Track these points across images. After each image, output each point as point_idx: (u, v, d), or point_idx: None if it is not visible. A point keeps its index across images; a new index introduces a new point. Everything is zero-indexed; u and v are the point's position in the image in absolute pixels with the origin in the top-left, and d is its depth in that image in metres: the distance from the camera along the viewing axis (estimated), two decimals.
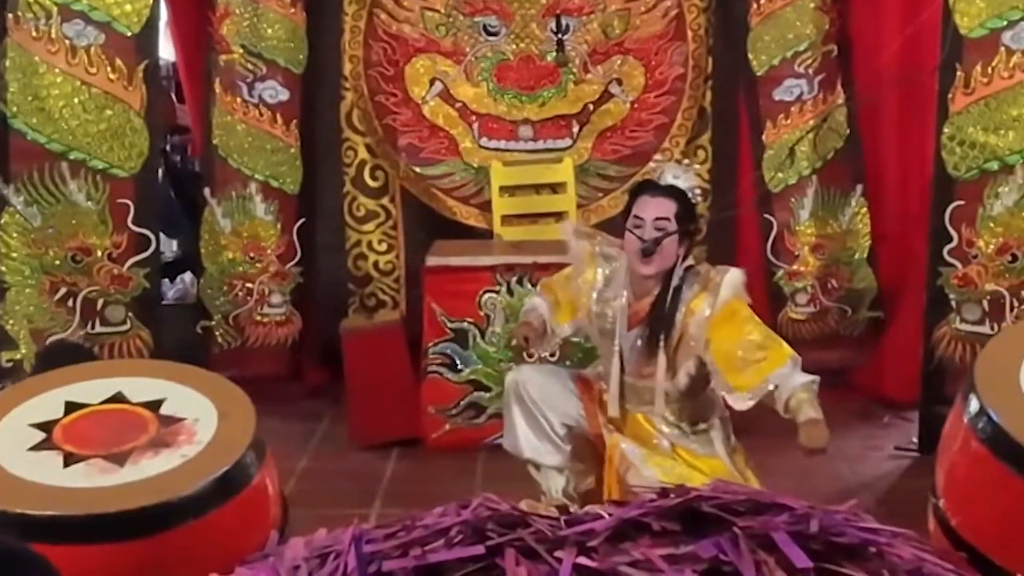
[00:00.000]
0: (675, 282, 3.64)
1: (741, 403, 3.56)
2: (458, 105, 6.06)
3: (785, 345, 3.57)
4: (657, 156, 5.96)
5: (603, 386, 3.85)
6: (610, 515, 2.22)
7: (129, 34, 5.17)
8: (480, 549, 2.09)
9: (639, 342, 3.69)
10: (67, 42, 5.10)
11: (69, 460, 2.88)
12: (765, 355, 3.51)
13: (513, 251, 5.40)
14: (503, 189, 5.96)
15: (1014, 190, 4.89)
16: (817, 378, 3.48)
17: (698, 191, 3.77)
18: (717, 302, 3.57)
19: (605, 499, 3.63)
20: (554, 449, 3.82)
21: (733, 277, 3.63)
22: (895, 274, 5.80)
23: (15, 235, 5.18)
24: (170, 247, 7.24)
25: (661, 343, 3.63)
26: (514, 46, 5.99)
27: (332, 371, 5.74)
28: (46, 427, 3.01)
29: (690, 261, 3.73)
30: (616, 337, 3.73)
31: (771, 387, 3.47)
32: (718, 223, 5.77)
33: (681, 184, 3.65)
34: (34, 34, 5.08)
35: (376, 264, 6.21)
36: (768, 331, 3.61)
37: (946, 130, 4.91)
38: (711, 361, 3.57)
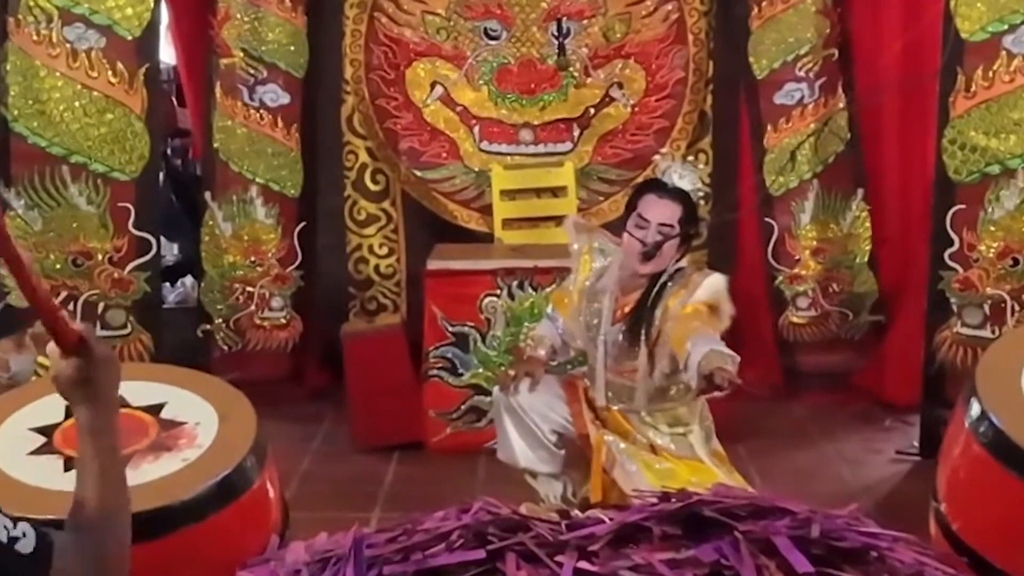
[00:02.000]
0: (664, 279, 3.65)
1: (689, 373, 3.42)
2: (459, 109, 6.06)
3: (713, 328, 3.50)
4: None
5: (587, 382, 3.86)
6: (611, 519, 2.22)
7: (130, 38, 5.17)
8: (481, 553, 2.09)
9: (621, 337, 3.70)
10: (68, 46, 5.10)
11: (70, 464, 2.87)
12: (699, 324, 3.47)
13: (514, 255, 5.40)
14: (504, 193, 5.95)
15: (1015, 194, 4.89)
16: (737, 357, 3.33)
17: (701, 192, 3.78)
18: (689, 300, 3.57)
19: (592, 495, 3.65)
20: (548, 456, 3.84)
21: (712, 282, 3.62)
22: (896, 278, 5.80)
23: (16, 239, 5.17)
24: (171, 250, 7.24)
25: (643, 338, 3.64)
26: (515, 50, 5.99)
27: (333, 374, 5.73)
28: (47, 431, 3.01)
29: (682, 263, 3.73)
30: (601, 331, 3.74)
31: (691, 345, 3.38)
32: (719, 227, 5.76)
33: (686, 184, 3.66)
34: (35, 37, 5.08)
35: (377, 268, 6.21)
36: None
37: (947, 134, 4.91)
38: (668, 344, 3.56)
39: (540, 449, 3.82)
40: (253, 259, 5.84)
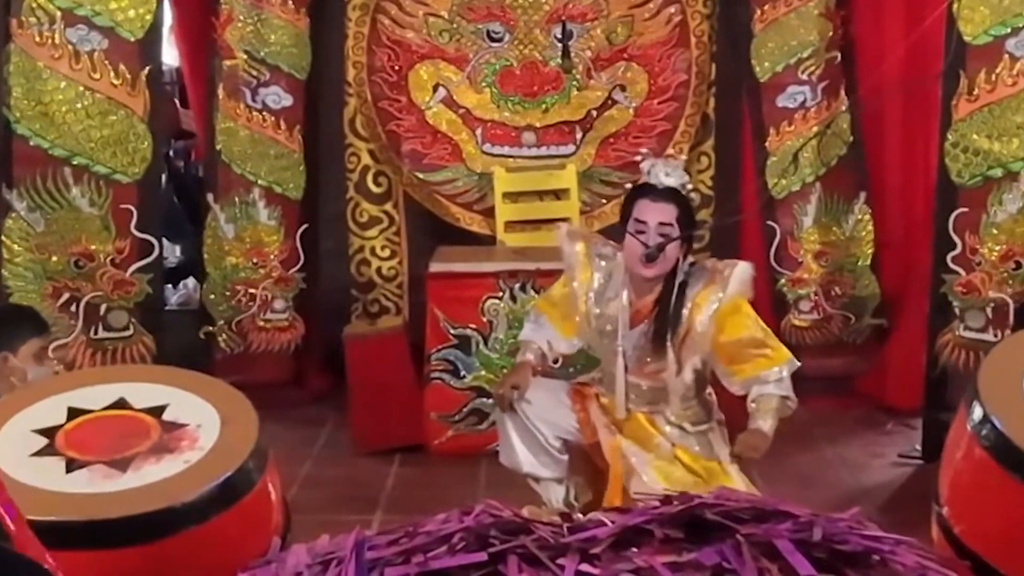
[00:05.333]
0: (680, 278, 3.64)
1: (735, 387, 3.65)
2: (461, 111, 6.06)
3: (784, 347, 3.66)
4: None
5: (601, 390, 3.84)
6: (613, 522, 2.21)
7: (132, 40, 5.18)
8: (483, 556, 2.09)
9: (643, 340, 3.68)
10: (70, 47, 5.10)
11: (71, 466, 2.87)
12: (766, 352, 3.59)
13: (516, 257, 5.40)
14: (506, 195, 5.95)
15: (1018, 197, 4.89)
16: (795, 400, 3.58)
17: (690, 185, 3.77)
18: (725, 295, 3.58)
19: (609, 504, 3.63)
20: (551, 461, 3.82)
21: (742, 271, 3.64)
22: (898, 281, 5.80)
23: (18, 240, 5.19)
24: (173, 252, 7.25)
25: (669, 339, 3.62)
26: (518, 52, 5.99)
27: (335, 377, 5.73)
28: (48, 433, 3.00)
29: (691, 259, 3.73)
30: (619, 337, 3.71)
31: (768, 380, 3.57)
32: (721, 230, 5.76)
33: (674, 181, 3.64)
34: (37, 39, 5.09)
35: (379, 270, 6.21)
36: (769, 331, 3.68)
37: (949, 137, 4.91)
38: (711, 352, 3.59)
39: (543, 454, 3.81)
40: (255, 261, 5.84)
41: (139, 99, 5.22)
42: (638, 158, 3.88)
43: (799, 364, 3.65)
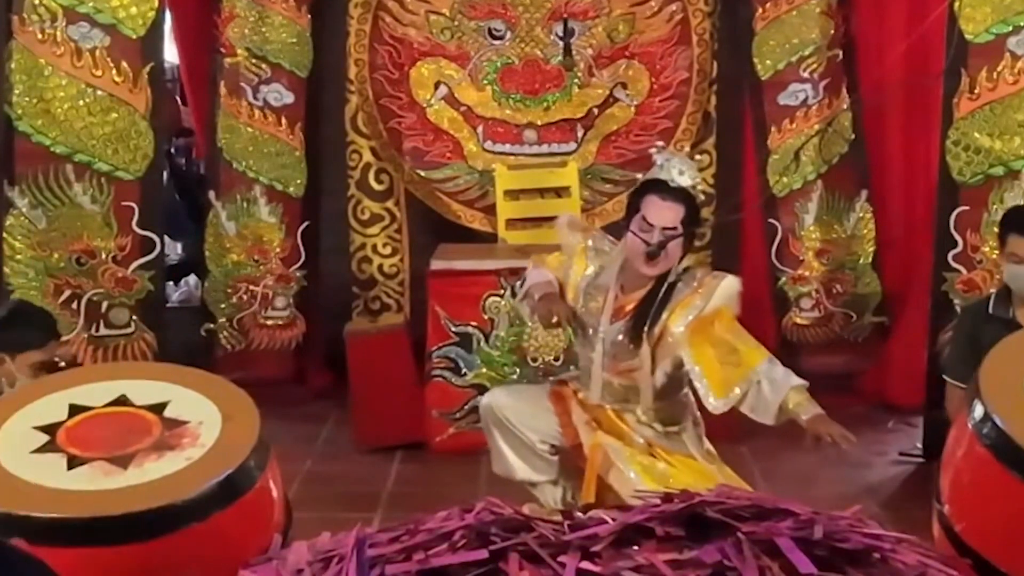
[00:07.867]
0: (671, 278, 3.63)
1: (717, 407, 3.55)
2: (463, 109, 6.06)
3: (762, 347, 3.57)
4: None
5: (576, 384, 3.83)
6: (614, 520, 2.21)
7: (134, 37, 5.19)
8: (484, 553, 2.09)
9: (620, 336, 3.67)
10: (72, 44, 5.11)
11: (73, 463, 2.87)
12: (738, 358, 3.52)
13: (517, 255, 5.39)
14: (507, 193, 5.95)
15: (1019, 195, 4.90)
16: (805, 382, 3.52)
17: (700, 187, 3.75)
18: (707, 307, 3.55)
19: (584, 499, 3.64)
20: (543, 464, 3.82)
21: (729, 285, 3.61)
22: (900, 279, 5.80)
23: (20, 237, 5.19)
24: (174, 250, 7.25)
25: (645, 337, 3.61)
26: (519, 50, 5.99)
27: (336, 374, 5.74)
28: (50, 430, 3.00)
29: (687, 262, 3.71)
30: (600, 329, 3.71)
31: (750, 386, 3.48)
32: (723, 228, 5.77)
33: (686, 180, 3.61)
34: (40, 36, 5.09)
35: (380, 267, 6.21)
36: (746, 336, 3.58)
37: (951, 135, 4.92)
38: (691, 365, 3.56)
39: (534, 458, 3.81)
40: (257, 258, 5.85)
41: (141, 96, 5.23)
42: (652, 150, 3.82)
43: (777, 364, 3.57)
